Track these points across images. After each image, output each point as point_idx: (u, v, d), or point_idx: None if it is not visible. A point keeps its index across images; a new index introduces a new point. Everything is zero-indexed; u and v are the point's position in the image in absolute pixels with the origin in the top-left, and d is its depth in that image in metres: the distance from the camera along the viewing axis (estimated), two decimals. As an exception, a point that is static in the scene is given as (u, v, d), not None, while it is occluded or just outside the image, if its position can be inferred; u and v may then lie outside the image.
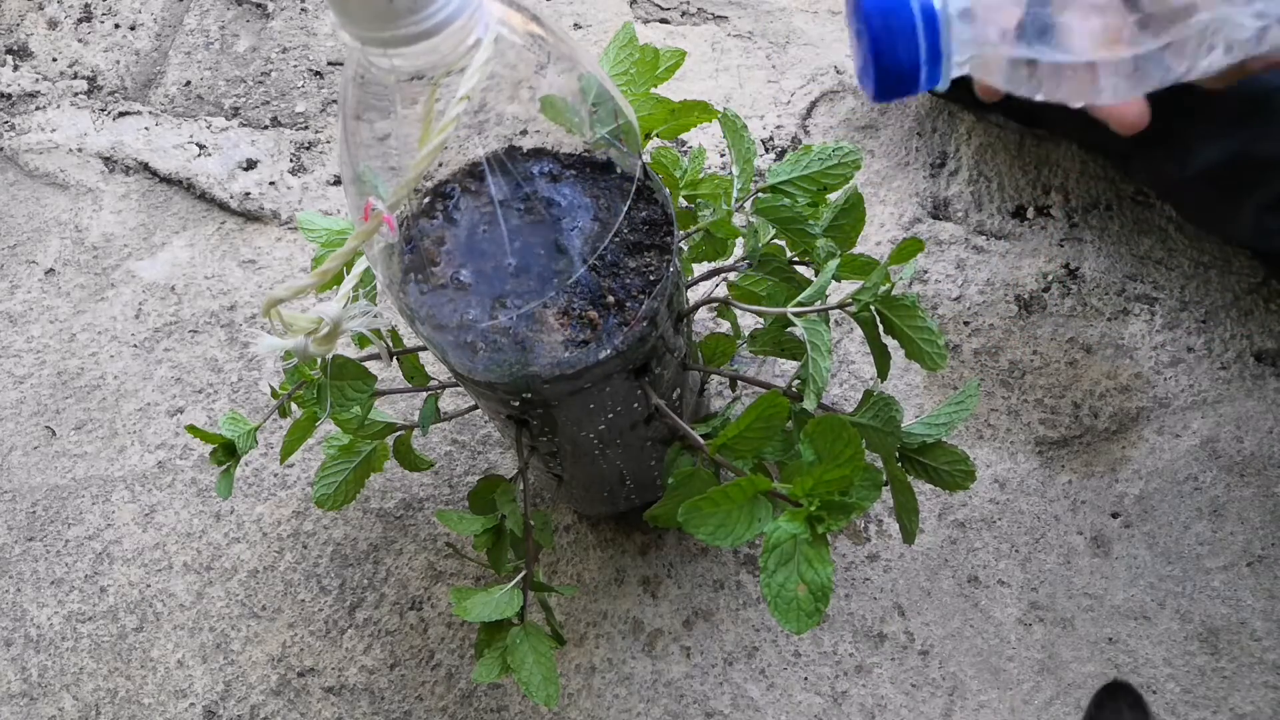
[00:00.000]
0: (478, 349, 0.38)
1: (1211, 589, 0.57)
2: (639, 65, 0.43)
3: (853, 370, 0.64)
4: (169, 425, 0.68)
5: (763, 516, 0.36)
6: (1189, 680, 0.55)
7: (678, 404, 0.47)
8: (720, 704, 0.57)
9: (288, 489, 0.65)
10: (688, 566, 0.60)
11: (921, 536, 0.59)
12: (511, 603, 0.44)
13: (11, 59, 0.84)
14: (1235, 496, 0.59)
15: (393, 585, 0.62)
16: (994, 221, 0.67)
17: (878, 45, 0.32)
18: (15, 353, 0.73)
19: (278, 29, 0.82)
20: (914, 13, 0.32)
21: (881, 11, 0.32)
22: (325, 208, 0.75)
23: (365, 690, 0.59)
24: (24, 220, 0.78)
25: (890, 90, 0.34)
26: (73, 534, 0.66)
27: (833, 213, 0.44)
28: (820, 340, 0.39)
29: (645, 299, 0.38)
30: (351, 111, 0.32)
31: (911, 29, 0.32)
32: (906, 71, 0.33)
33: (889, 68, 0.33)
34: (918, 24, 0.32)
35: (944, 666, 0.57)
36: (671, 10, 0.79)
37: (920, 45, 0.32)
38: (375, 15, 0.27)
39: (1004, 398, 0.62)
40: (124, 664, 0.62)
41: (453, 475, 0.64)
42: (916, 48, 0.32)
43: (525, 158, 0.36)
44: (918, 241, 0.40)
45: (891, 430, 0.41)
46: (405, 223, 0.37)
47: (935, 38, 0.32)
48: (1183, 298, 0.64)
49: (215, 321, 0.71)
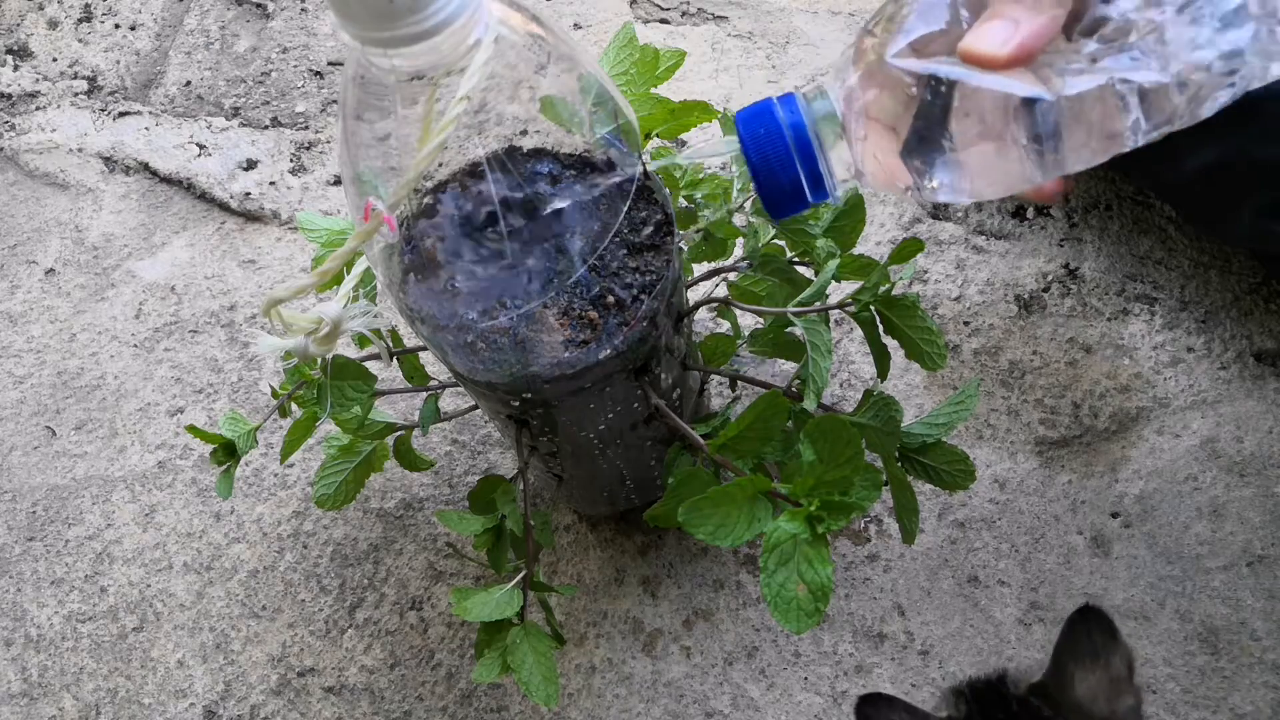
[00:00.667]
0: (478, 349, 0.38)
1: (1211, 589, 0.57)
2: (639, 65, 0.43)
3: (853, 370, 0.64)
4: (169, 425, 0.68)
5: (763, 516, 0.36)
6: (1189, 680, 0.55)
7: (678, 404, 0.47)
8: (720, 704, 0.57)
9: (288, 489, 0.65)
10: (688, 566, 0.60)
11: (921, 536, 0.59)
12: (511, 603, 0.44)
13: (12, 59, 0.84)
14: (1235, 496, 0.59)
15: (393, 585, 0.62)
16: (994, 221, 0.67)
17: (758, 174, 0.34)
18: (15, 353, 0.73)
19: (278, 29, 0.82)
20: (787, 139, 0.33)
21: (755, 141, 0.34)
22: (325, 208, 0.75)
23: (365, 690, 0.59)
24: (24, 220, 0.78)
25: (784, 210, 0.35)
26: (73, 534, 0.66)
27: (833, 214, 0.44)
28: (820, 340, 0.39)
29: (645, 299, 0.38)
30: (351, 111, 0.32)
31: (786, 154, 0.33)
32: (790, 192, 0.34)
33: (772, 192, 0.34)
34: (791, 149, 0.33)
35: (944, 666, 0.57)
36: (671, 10, 0.79)
37: (797, 168, 0.34)
38: (375, 15, 0.27)
39: (1004, 398, 0.62)
40: (124, 664, 0.62)
41: (453, 475, 0.64)
42: (796, 175, 0.34)
43: (525, 158, 0.36)
44: (917, 241, 0.40)
45: (891, 430, 0.41)
46: (405, 223, 0.37)
47: (811, 158, 0.33)
48: (1183, 298, 0.64)
49: (215, 321, 0.71)
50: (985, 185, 0.32)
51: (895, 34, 0.31)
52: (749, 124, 0.34)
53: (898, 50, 0.31)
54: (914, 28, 0.31)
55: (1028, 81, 0.30)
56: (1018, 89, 0.30)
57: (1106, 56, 0.30)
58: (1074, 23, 0.31)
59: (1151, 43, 0.29)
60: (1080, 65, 0.30)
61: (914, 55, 0.31)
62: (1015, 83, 0.30)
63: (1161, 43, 0.29)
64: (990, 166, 0.31)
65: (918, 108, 0.31)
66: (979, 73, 0.30)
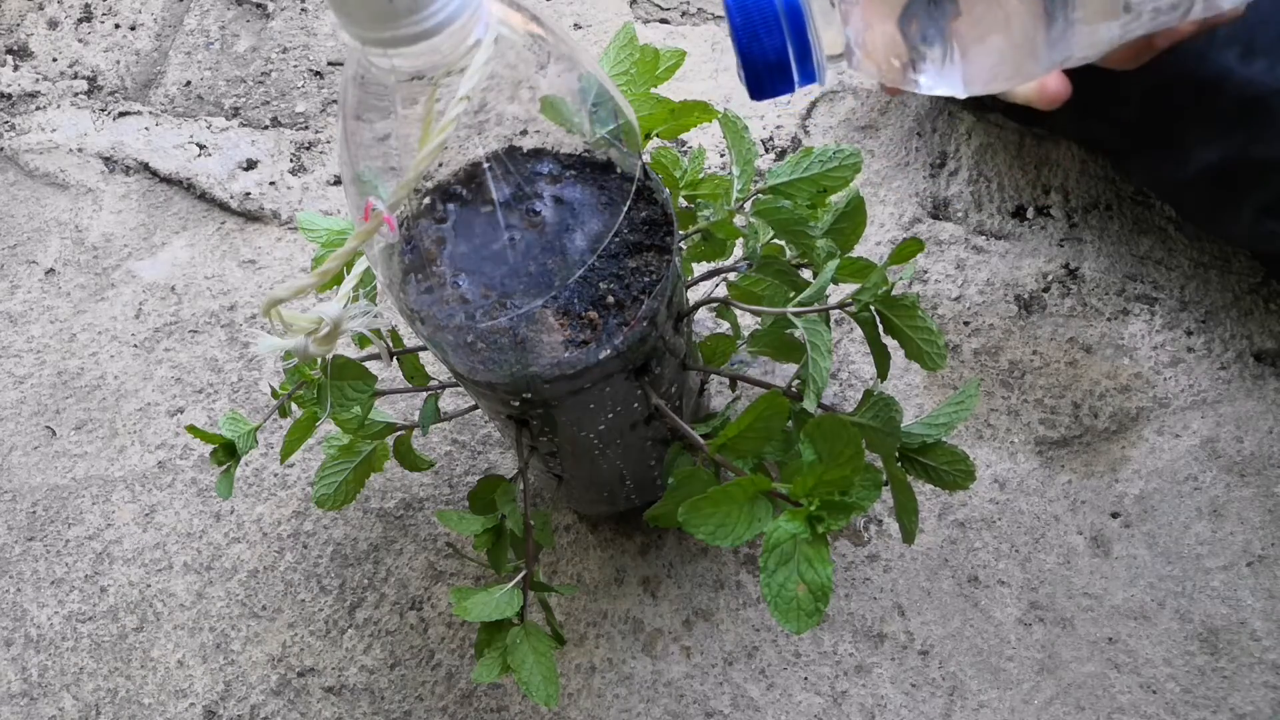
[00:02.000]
0: (478, 349, 0.38)
1: (1211, 589, 0.57)
2: (639, 65, 0.43)
3: (853, 370, 0.64)
4: (169, 425, 0.68)
5: (763, 516, 0.36)
6: (1189, 680, 0.55)
7: (678, 404, 0.47)
8: (720, 704, 0.57)
9: (288, 489, 0.65)
10: (688, 566, 0.60)
11: (921, 536, 0.59)
12: (511, 603, 0.44)
13: (11, 59, 0.84)
14: (1235, 496, 0.59)
15: (393, 585, 0.62)
16: (994, 221, 0.67)
17: (741, 40, 0.31)
18: (15, 353, 0.73)
19: (278, 29, 0.82)
20: (776, 6, 0.31)
21: (742, 8, 0.31)
22: (325, 208, 0.75)
23: (365, 690, 0.59)
24: (24, 220, 0.78)
25: (765, 87, 0.32)
26: (73, 534, 0.66)
27: (833, 215, 0.44)
28: (820, 340, 0.39)
29: (645, 299, 0.38)
30: (351, 112, 0.32)
31: (774, 20, 0.31)
32: (775, 66, 0.32)
33: (756, 62, 0.32)
34: (781, 18, 0.31)
35: (944, 666, 0.57)
36: (671, 10, 0.79)
37: (786, 39, 0.31)
38: (375, 15, 0.27)
39: (1004, 398, 0.62)
40: (124, 664, 0.62)
41: (453, 475, 0.64)
42: (783, 42, 0.31)
43: (525, 158, 0.36)
44: (917, 241, 0.40)
45: (891, 430, 0.41)
46: (405, 223, 0.37)
47: (801, 31, 0.31)
48: (1183, 298, 0.64)
49: (215, 321, 0.71)
50: (986, 69, 0.30)
51: None
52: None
53: None
54: None
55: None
56: None
57: None
58: None
59: None
60: None
61: None
62: None
63: None
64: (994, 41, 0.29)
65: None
66: None
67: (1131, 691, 0.55)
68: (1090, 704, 0.55)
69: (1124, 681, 0.56)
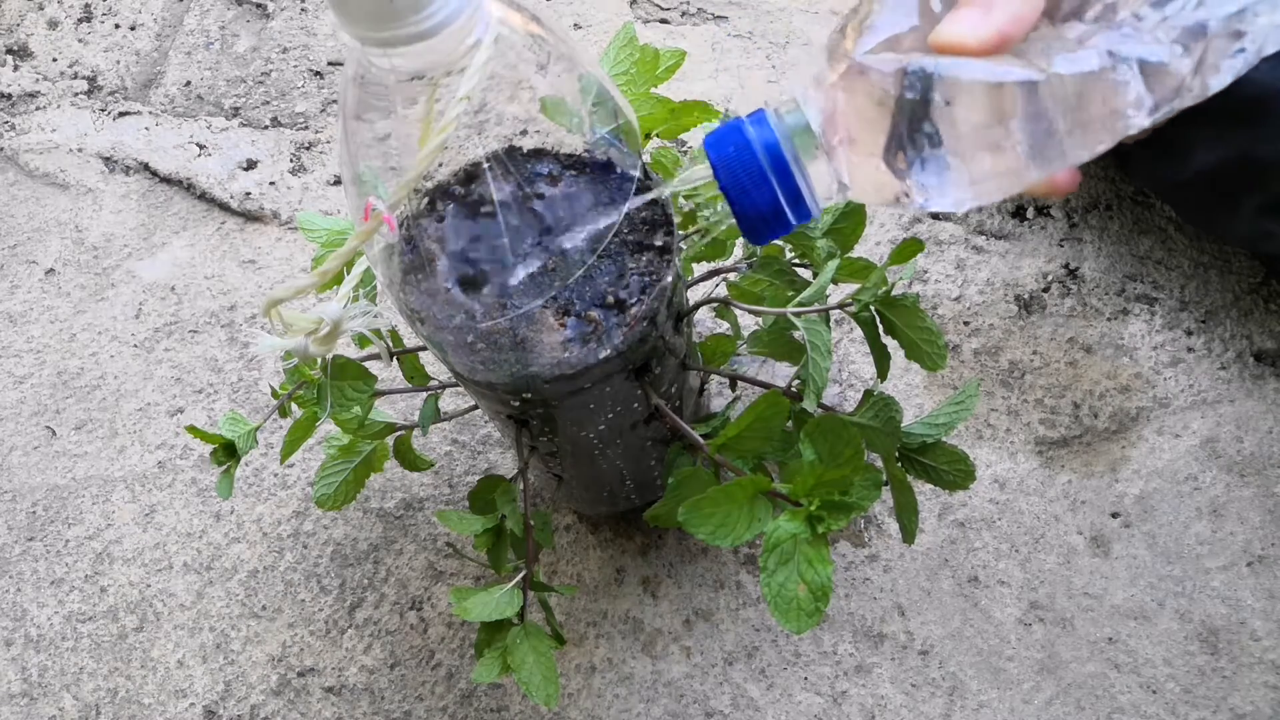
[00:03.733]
0: (478, 349, 0.38)
1: (1211, 589, 0.57)
2: (639, 65, 0.43)
3: (853, 370, 0.64)
4: (169, 425, 0.68)
5: (763, 516, 0.36)
6: (1189, 680, 0.55)
7: (678, 404, 0.47)
8: (720, 704, 0.57)
9: (288, 489, 0.65)
10: (688, 566, 0.60)
11: (921, 536, 0.59)
12: (511, 603, 0.44)
13: (11, 59, 0.84)
14: (1235, 496, 0.59)
15: (393, 585, 0.62)
16: (994, 221, 0.67)
17: (732, 197, 0.31)
18: (15, 353, 0.73)
19: (278, 29, 0.82)
20: (759, 157, 0.30)
21: (726, 165, 0.31)
22: (325, 208, 0.75)
23: (365, 690, 0.59)
24: (24, 220, 0.78)
25: (764, 234, 0.32)
26: (73, 534, 0.66)
27: (833, 216, 0.44)
28: (820, 340, 0.39)
29: (645, 299, 0.38)
30: (351, 111, 0.32)
31: (761, 174, 0.31)
32: (769, 214, 0.31)
33: (751, 216, 0.32)
34: (765, 168, 0.31)
35: (944, 666, 0.57)
36: (671, 10, 0.79)
37: (774, 188, 0.31)
38: (375, 15, 0.27)
39: (1004, 398, 0.62)
40: (124, 664, 0.62)
41: (453, 475, 0.64)
42: (773, 194, 0.31)
43: (525, 158, 0.36)
44: (917, 242, 0.40)
45: (891, 430, 0.41)
46: (405, 223, 0.37)
47: (789, 181, 0.31)
48: (1183, 298, 0.64)
49: (215, 321, 0.71)
50: (979, 186, 0.30)
51: (865, 33, 0.29)
52: (717, 146, 0.31)
53: (869, 47, 0.29)
54: (884, 24, 0.29)
55: (1012, 65, 0.28)
56: (1001, 74, 0.28)
57: (1096, 34, 0.28)
58: (1055, 10, 0.29)
59: (1146, 12, 0.27)
60: (1068, 48, 0.28)
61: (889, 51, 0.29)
62: (998, 68, 0.28)
63: (1156, 8, 0.27)
64: (983, 164, 0.29)
65: (897, 106, 0.29)
66: (960, 60, 0.28)
67: (1131, 691, 0.55)
68: (1090, 704, 0.55)
69: (1124, 681, 0.56)
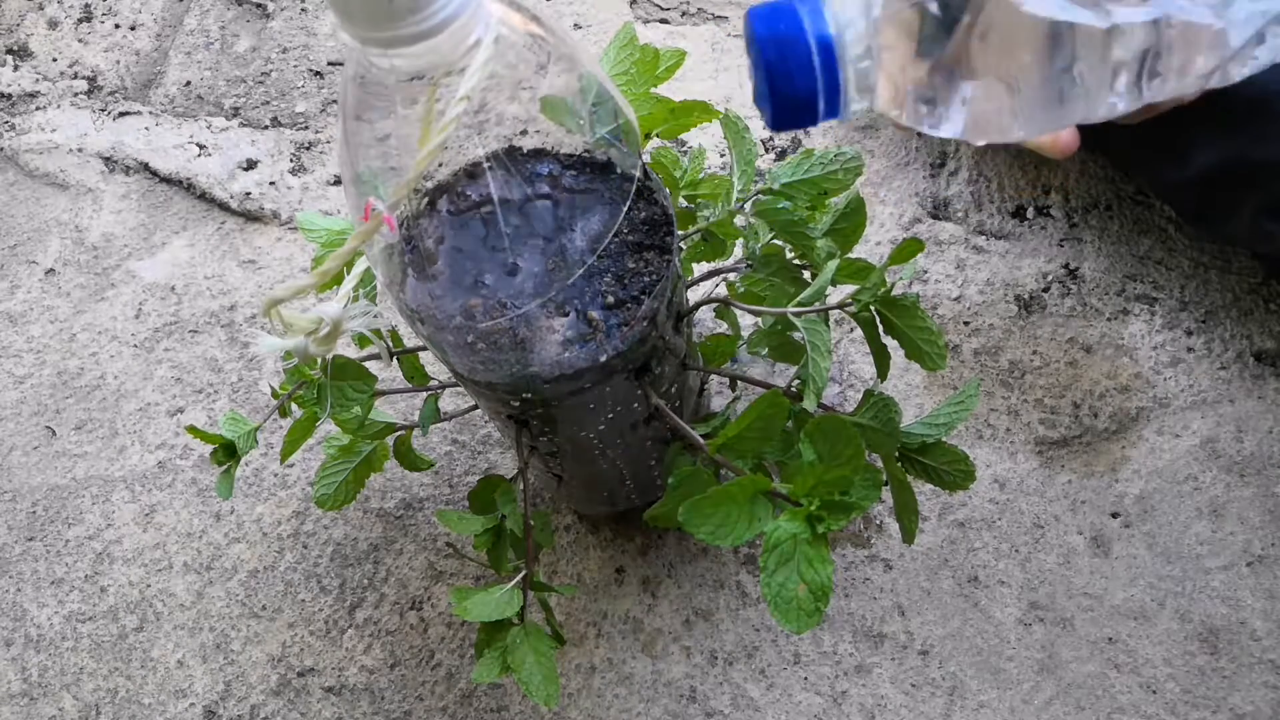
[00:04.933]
0: (478, 349, 0.38)
1: (1211, 589, 0.57)
2: (639, 65, 0.43)
3: (853, 370, 0.64)
4: (169, 425, 0.68)
5: (763, 516, 0.36)
6: (1189, 680, 0.55)
7: (678, 404, 0.47)
8: (720, 704, 0.57)
9: (288, 489, 0.65)
10: (688, 566, 0.60)
11: (921, 536, 0.59)
12: (511, 603, 0.44)
13: (11, 59, 0.84)
14: (1235, 496, 0.59)
15: (393, 585, 0.62)
16: (994, 221, 0.67)
17: (773, 75, 0.31)
18: (15, 353, 0.73)
19: (278, 29, 0.82)
20: (810, 43, 0.30)
21: (776, 42, 0.30)
22: (325, 208, 0.75)
23: (365, 690, 0.59)
24: (24, 220, 0.78)
25: (787, 120, 0.32)
26: (73, 534, 0.66)
27: (833, 216, 0.44)
28: (820, 340, 0.39)
29: (645, 299, 0.38)
30: (351, 111, 0.32)
31: (807, 60, 0.30)
32: (803, 102, 0.31)
33: (785, 98, 0.31)
34: (814, 55, 0.30)
35: (944, 666, 0.57)
36: (671, 10, 0.79)
37: (817, 76, 0.31)
38: (375, 15, 0.27)
39: (1004, 398, 0.62)
40: (124, 664, 0.62)
41: (453, 475, 0.64)
42: (813, 79, 0.31)
43: (525, 158, 0.36)
44: (917, 242, 0.40)
45: (891, 430, 0.41)
46: (405, 223, 0.37)
47: (833, 70, 0.31)
48: (1183, 298, 0.64)
49: (215, 321, 0.71)
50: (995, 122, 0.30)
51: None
52: (767, 21, 0.30)
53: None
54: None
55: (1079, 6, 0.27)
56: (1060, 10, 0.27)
57: None
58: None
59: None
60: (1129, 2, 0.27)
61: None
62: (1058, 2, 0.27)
63: None
64: (1006, 98, 0.29)
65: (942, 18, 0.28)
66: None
67: (1131, 691, 0.55)
68: (1090, 704, 0.55)
69: (1124, 681, 0.56)
